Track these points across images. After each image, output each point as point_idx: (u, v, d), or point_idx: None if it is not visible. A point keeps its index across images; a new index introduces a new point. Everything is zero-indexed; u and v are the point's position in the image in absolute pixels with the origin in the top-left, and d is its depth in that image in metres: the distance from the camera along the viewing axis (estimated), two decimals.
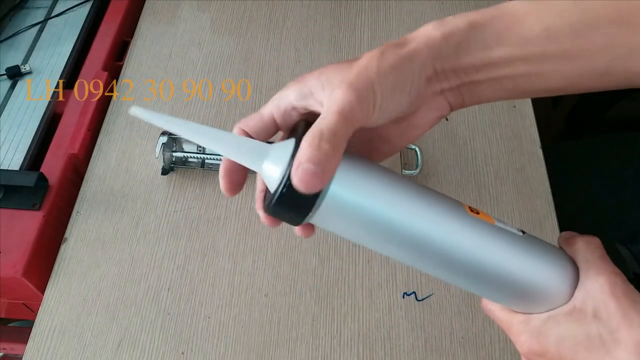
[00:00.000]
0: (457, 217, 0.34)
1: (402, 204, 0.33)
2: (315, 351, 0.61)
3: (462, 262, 0.34)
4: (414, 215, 0.33)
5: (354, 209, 0.32)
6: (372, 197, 0.33)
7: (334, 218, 0.33)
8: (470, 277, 0.34)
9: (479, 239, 0.34)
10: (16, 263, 0.62)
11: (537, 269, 0.34)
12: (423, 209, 0.34)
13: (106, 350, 0.61)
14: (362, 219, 0.33)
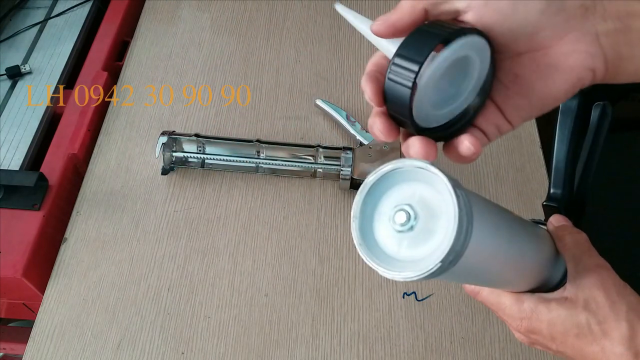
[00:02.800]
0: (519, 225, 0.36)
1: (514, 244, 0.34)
2: (315, 351, 0.61)
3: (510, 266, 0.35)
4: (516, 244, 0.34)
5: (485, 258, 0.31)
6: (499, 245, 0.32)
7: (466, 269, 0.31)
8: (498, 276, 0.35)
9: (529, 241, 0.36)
10: (16, 263, 0.62)
11: (545, 254, 0.37)
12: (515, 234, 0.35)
13: (106, 350, 0.61)
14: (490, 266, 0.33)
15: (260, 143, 0.71)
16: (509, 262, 0.34)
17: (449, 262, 0.27)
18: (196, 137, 0.71)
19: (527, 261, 0.36)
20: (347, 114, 0.76)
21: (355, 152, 0.71)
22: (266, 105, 0.80)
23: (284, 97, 0.81)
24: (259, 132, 0.77)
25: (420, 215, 0.28)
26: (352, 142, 0.75)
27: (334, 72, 0.84)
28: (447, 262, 0.27)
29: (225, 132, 0.77)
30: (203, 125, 0.78)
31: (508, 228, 0.33)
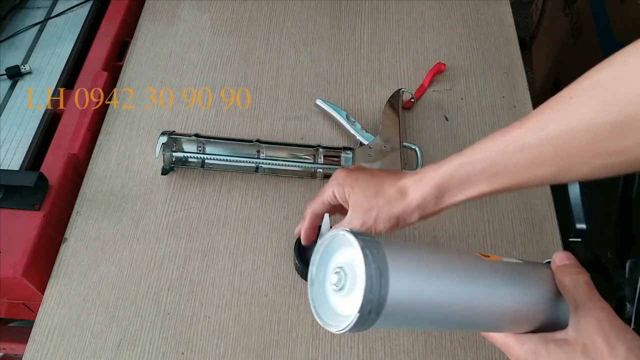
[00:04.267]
0: (481, 268, 0.37)
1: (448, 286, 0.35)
2: (315, 351, 0.61)
3: (492, 312, 0.37)
4: (459, 289, 0.35)
5: (413, 305, 0.33)
6: (428, 291, 0.34)
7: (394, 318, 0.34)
8: (487, 323, 0.37)
9: (503, 284, 0.37)
10: (16, 263, 0.62)
11: (538, 297, 0.38)
12: (462, 280, 0.36)
13: (106, 350, 0.61)
14: (421, 310, 0.34)
15: (260, 143, 0.71)
16: (466, 305, 0.35)
17: (368, 312, 0.31)
18: (196, 137, 0.71)
19: (503, 302, 0.36)
20: (347, 114, 0.76)
21: (355, 152, 0.71)
22: (266, 106, 0.80)
23: (284, 97, 0.81)
24: (259, 132, 0.77)
25: (348, 274, 0.33)
26: (352, 142, 0.75)
27: (334, 72, 0.84)
28: (367, 312, 0.31)
29: (225, 132, 0.77)
30: (203, 126, 0.78)
31: (452, 274, 0.35)
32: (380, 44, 0.87)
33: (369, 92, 0.82)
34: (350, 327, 0.31)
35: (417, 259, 0.34)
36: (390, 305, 0.32)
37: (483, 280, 0.37)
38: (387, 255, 0.32)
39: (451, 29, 0.89)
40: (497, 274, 0.38)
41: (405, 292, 0.32)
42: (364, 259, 0.31)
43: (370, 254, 0.32)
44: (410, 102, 0.79)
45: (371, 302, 0.31)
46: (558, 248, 0.68)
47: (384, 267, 0.31)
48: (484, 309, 0.36)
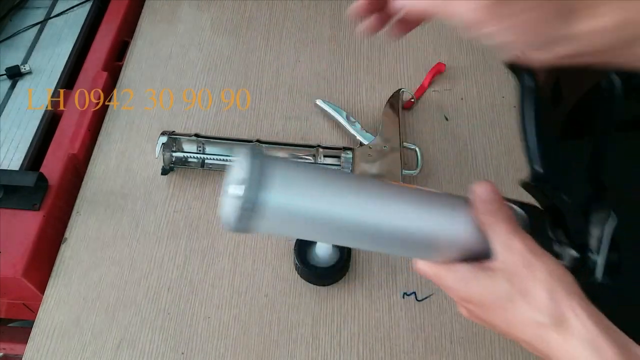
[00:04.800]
0: (382, 188, 0.37)
1: (336, 196, 0.36)
2: (315, 351, 0.61)
3: (393, 227, 0.37)
4: (348, 201, 0.36)
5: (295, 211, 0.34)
6: (311, 197, 0.35)
7: (278, 222, 0.35)
8: (399, 240, 0.37)
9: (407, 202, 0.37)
10: (16, 263, 0.62)
11: (456, 224, 0.38)
12: (356, 194, 0.36)
13: (106, 350, 0.61)
14: (305, 218, 0.35)
15: (260, 143, 0.71)
16: (369, 220, 0.36)
17: (243, 205, 0.32)
18: (196, 137, 0.71)
19: (410, 223, 0.37)
20: (347, 114, 0.76)
21: (355, 152, 0.71)
22: (266, 106, 0.80)
23: (284, 97, 0.81)
24: (259, 132, 0.77)
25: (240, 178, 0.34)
26: (352, 142, 0.75)
27: (334, 72, 0.84)
28: (242, 204, 0.32)
29: (225, 133, 0.77)
30: (203, 126, 0.78)
31: (349, 185, 0.36)
32: (380, 44, 0.87)
33: (369, 92, 0.82)
34: (231, 221, 0.33)
35: (309, 170, 0.36)
36: (273, 202, 0.33)
37: (387, 197, 0.37)
38: (276, 161, 0.34)
39: (451, 29, 0.89)
40: (404, 194, 0.38)
41: (292, 192, 0.34)
42: (245, 155, 0.33)
43: (253, 154, 0.33)
44: (410, 102, 0.79)
45: (249, 199, 0.32)
46: None
47: (265, 164, 0.33)
48: (389, 228, 0.36)
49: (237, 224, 0.33)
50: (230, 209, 0.33)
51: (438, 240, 0.38)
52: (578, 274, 0.38)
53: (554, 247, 0.41)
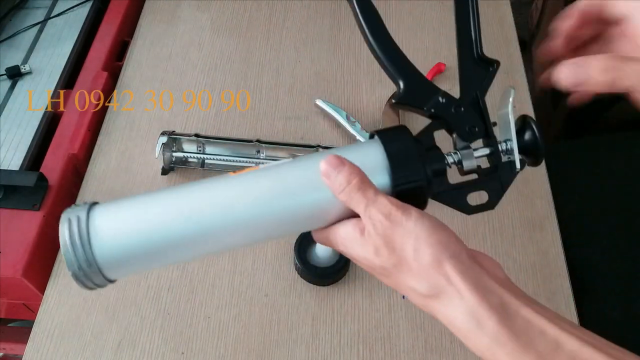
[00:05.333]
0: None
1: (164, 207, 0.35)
2: (315, 351, 0.61)
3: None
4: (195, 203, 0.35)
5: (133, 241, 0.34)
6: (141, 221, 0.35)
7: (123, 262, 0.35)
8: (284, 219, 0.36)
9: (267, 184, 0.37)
10: (16, 263, 0.62)
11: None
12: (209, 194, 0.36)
13: (106, 350, 0.61)
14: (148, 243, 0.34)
15: (260, 143, 0.71)
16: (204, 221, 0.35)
17: (79, 268, 0.34)
18: (196, 137, 0.71)
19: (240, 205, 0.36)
20: (347, 114, 0.76)
21: None
22: (266, 106, 0.80)
23: (284, 97, 0.81)
24: (259, 132, 0.77)
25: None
26: (352, 142, 0.75)
27: (334, 72, 0.84)
28: (76, 269, 0.35)
29: (225, 132, 0.77)
30: (203, 126, 0.78)
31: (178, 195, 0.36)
32: None
33: (369, 92, 0.82)
34: (74, 281, 0.35)
35: (129, 202, 0.35)
36: (105, 252, 0.34)
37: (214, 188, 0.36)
38: (92, 216, 0.34)
39: (451, 29, 0.89)
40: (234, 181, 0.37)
41: (119, 236, 0.34)
42: (61, 227, 0.34)
43: (69, 223, 0.34)
44: None
45: (72, 261, 0.34)
46: (558, 248, 0.68)
47: (83, 229, 0.33)
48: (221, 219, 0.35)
49: (85, 288, 0.35)
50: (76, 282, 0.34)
51: (311, 214, 0.36)
52: (499, 170, 0.38)
53: (449, 158, 0.39)
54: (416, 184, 0.37)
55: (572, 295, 0.65)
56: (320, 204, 0.36)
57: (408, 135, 0.38)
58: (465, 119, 0.39)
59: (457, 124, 0.40)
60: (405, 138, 0.38)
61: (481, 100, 0.39)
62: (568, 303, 0.64)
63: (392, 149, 0.37)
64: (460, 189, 0.39)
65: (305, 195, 0.36)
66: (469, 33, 0.40)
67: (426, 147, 0.39)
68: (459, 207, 0.40)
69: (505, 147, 0.39)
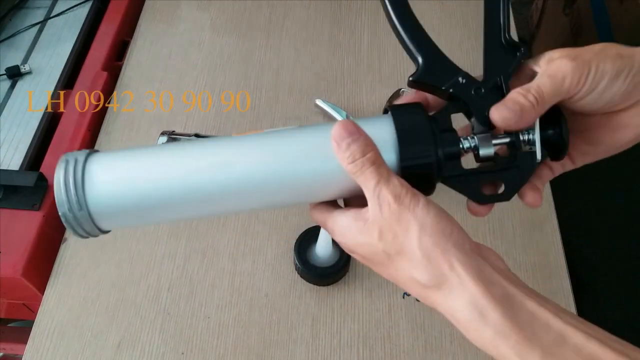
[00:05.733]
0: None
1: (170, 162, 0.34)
2: (315, 351, 0.61)
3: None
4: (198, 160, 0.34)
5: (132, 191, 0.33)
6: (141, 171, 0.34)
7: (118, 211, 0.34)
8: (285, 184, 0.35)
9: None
10: (16, 263, 0.62)
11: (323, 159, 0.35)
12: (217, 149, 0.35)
13: (106, 350, 0.61)
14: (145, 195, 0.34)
15: None
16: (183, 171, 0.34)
17: (69, 210, 0.32)
18: (196, 137, 0.71)
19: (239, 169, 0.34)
20: (347, 114, 0.76)
21: None
22: (266, 105, 0.80)
23: (284, 97, 0.81)
24: None
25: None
26: None
27: (334, 72, 0.84)
28: (66, 210, 0.32)
29: (225, 132, 0.77)
30: (203, 125, 0.78)
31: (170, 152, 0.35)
32: (380, 44, 0.87)
33: (369, 92, 0.82)
34: (64, 224, 0.33)
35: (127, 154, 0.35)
36: (97, 196, 0.33)
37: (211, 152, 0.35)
38: (90, 161, 0.34)
39: (451, 29, 0.89)
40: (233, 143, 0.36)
41: (113, 182, 0.33)
42: (57, 167, 0.33)
43: (66, 163, 0.33)
44: None
45: (63, 200, 0.32)
46: (558, 248, 0.68)
47: (78, 170, 0.33)
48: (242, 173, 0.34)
49: (76, 234, 0.34)
50: (68, 227, 0.33)
51: (310, 184, 0.35)
52: (518, 160, 0.36)
53: (465, 142, 0.37)
54: (424, 161, 0.35)
55: (572, 295, 0.65)
56: (321, 174, 0.34)
57: (422, 112, 0.36)
58: (486, 103, 0.36)
59: (476, 108, 0.37)
60: (419, 115, 0.36)
61: (505, 84, 0.37)
62: (568, 303, 0.64)
63: (403, 125, 0.35)
64: (474, 176, 0.38)
65: (307, 162, 0.34)
66: (498, 15, 0.38)
67: (441, 128, 0.36)
68: (471, 194, 0.38)
69: (526, 137, 0.36)
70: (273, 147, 0.35)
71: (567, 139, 0.35)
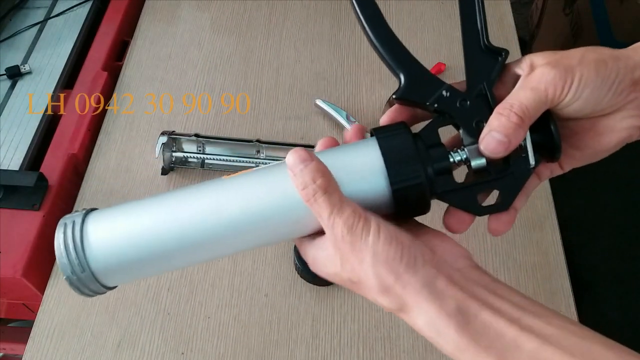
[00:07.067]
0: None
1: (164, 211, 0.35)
2: (315, 351, 0.61)
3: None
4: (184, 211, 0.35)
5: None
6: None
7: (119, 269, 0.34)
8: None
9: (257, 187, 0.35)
10: (16, 263, 0.62)
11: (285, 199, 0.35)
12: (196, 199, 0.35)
13: (106, 350, 0.61)
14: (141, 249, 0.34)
15: (260, 143, 0.71)
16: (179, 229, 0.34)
17: (71, 272, 0.33)
18: (196, 137, 0.71)
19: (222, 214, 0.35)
20: (347, 114, 0.76)
21: None
22: (266, 105, 0.80)
23: (284, 97, 0.81)
24: (258, 132, 0.77)
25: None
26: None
27: (334, 72, 0.84)
28: (69, 273, 0.33)
29: (225, 132, 0.77)
30: (203, 126, 0.78)
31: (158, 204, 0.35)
32: None
33: (369, 92, 0.82)
34: (71, 287, 0.33)
35: (119, 211, 0.35)
36: (96, 256, 0.33)
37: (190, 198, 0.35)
38: (87, 222, 0.34)
39: (451, 29, 0.89)
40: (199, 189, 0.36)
41: (110, 242, 0.33)
42: (57, 231, 0.33)
43: (64, 227, 0.33)
44: None
45: (66, 266, 0.33)
46: (558, 248, 0.68)
47: (76, 233, 0.33)
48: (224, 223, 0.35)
49: (84, 294, 0.34)
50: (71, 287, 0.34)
51: (281, 221, 0.35)
52: (511, 168, 0.36)
53: (455, 155, 0.37)
54: (415, 182, 0.34)
55: (572, 295, 0.65)
56: (288, 209, 0.34)
57: (407, 132, 0.36)
58: (472, 114, 0.36)
59: (463, 120, 0.37)
60: (404, 135, 0.36)
61: (489, 92, 0.36)
62: (568, 303, 0.64)
63: (389, 148, 0.35)
64: (469, 189, 0.37)
65: (275, 198, 0.35)
66: (474, 21, 0.38)
67: (429, 144, 0.36)
68: (468, 208, 0.38)
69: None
70: (243, 192, 0.35)
71: (558, 139, 0.35)
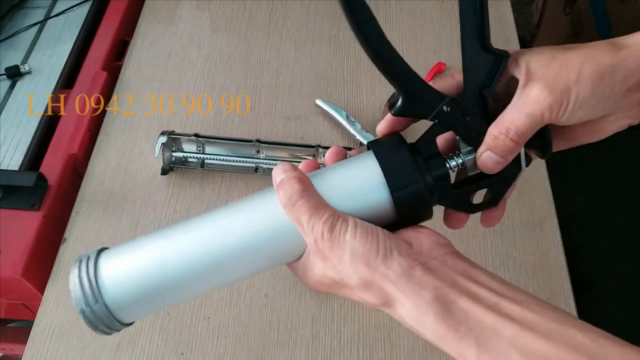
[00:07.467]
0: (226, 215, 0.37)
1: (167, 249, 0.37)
2: (315, 352, 0.61)
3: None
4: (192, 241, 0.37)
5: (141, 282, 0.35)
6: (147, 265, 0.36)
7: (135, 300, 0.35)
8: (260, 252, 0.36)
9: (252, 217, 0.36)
10: (15, 263, 0.62)
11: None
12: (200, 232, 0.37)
13: (106, 350, 0.61)
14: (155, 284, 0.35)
15: (260, 143, 0.71)
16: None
17: (86, 305, 0.33)
18: (196, 137, 0.71)
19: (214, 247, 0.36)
20: (347, 114, 0.76)
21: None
22: (266, 105, 0.80)
23: (284, 97, 0.81)
24: (258, 132, 0.77)
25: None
26: (352, 142, 0.75)
27: (334, 72, 0.84)
28: (84, 307, 0.33)
29: (225, 132, 0.77)
30: (203, 125, 0.78)
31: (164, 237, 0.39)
32: None
33: (369, 92, 0.82)
34: (86, 323, 0.34)
35: (129, 245, 0.37)
36: (112, 293, 0.34)
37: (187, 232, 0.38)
38: (100, 257, 0.35)
39: (451, 29, 0.89)
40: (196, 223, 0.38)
41: (123, 276, 0.35)
42: (71, 269, 0.34)
43: (79, 263, 0.35)
44: None
45: (80, 299, 0.33)
46: (558, 248, 0.68)
47: (91, 271, 0.34)
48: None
49: (100, 333, 0.34)
50: (86, 323, 0.34)
51: (274, 249, 0.36)
52: (503, 168, 0.36)
53: (451, 162, 0.37)
54: (416, 192, 0.35)
55: (572, 295, 0.65)
56: (282, 229, 0.35)
57: (403, 144, 0.37)
58: (472, 127, 0.37)
59: (463, 132, 0.37)
60: (400, 147, 0.37)
61: (488, 99, 0.36)
62: (568, 303, 0.64)
63: (387, 162, 0.36)
64: (463, 190, 0.38)
65: (270, 219, 0.35)
66: (475, 20, 0.37)
67: (426, 154, 0.37)
68: (463, 207, 0.39)
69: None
70: (235, 221, 0.36)
71: (550, 142, 0.36)
